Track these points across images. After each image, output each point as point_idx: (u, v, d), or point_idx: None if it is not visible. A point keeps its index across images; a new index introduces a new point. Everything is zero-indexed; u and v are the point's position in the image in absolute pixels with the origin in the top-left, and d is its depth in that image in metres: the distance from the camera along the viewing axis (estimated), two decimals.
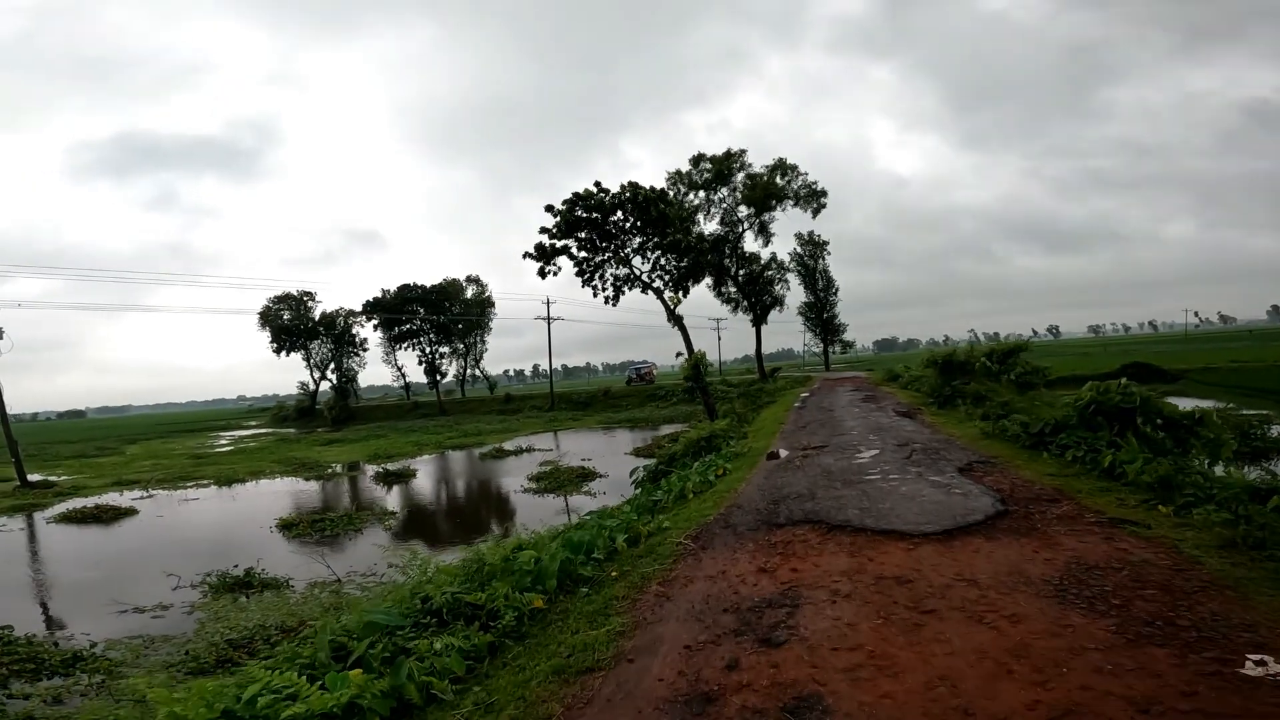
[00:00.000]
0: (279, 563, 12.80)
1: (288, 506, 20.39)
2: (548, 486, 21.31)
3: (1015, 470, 7.36)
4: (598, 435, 39.22)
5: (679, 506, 7.97)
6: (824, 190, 36.82)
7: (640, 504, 8.80)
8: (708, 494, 7.97)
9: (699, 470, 9.44)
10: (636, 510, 8.53)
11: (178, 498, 24.84)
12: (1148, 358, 43.84)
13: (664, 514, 7.88)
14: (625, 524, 6.83)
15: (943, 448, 8.95)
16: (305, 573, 11.84)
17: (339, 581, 11.23)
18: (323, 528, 16.69)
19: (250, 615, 9.83)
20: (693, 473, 9.40)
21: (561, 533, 7.25)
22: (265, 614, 9.84)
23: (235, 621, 9.49)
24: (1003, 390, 13.03)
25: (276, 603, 10.64)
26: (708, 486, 8.43)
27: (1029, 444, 8.61)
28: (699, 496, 8.06)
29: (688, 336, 25.13)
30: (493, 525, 17.59)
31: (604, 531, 6.74)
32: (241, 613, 10.04)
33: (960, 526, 5.25)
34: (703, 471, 9.23)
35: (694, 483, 8.53)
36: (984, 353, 14.78)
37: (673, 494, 8.55)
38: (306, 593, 11.00)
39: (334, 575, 11.59)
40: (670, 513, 7.72)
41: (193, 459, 40.82)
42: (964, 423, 11.72)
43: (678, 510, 7.70)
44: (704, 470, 9.30)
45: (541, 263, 28.03)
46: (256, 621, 9.38)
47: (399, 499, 22.46)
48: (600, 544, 6.22)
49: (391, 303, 71.27)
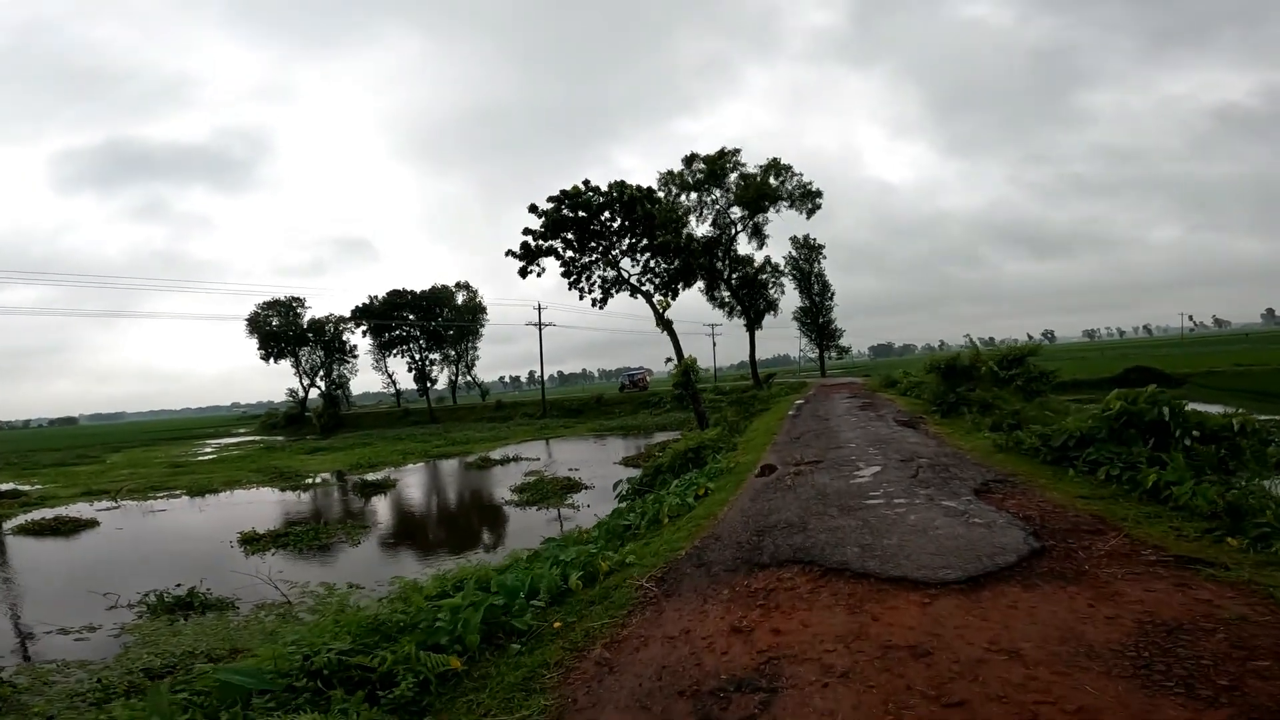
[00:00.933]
0: (230, 581, 11.91)
1: (255, 519, 19.44)
2: (531, 498, 20.45)
3: (1040, 492, 6.28)
4: (588, 443, 38.19)
5: (651, 534, 6.89)
6: (819, 191, 35.84)
7: (611, 528, 7.70)
8: (684, 520, 6.88)
9: (678, 490, 8.34)
10: (606, 535, 7.45)
11: (145, 509, 24.06)
12: (1147, 361, 43.02)
13: (637, 539, 6.80)
14: (582, 558, 5.72)
15: (952, 464, 7.87)
16: (256, 593, 11.03)
17: (288, 603, 10.41)
18: (286, 543, 15.87)
19: (182, 640, 9.11)
20: (671, 493, 8.32)
21: (509, 566, 6.18)
22: (199, 639, 9.11)
23: (164, 646, 8.81)
24: (1010, 397, 11.98)
25: (215, 626, 9.85)
26: (686, 510, 7.34)
27: (1050, 459, 7.54)
28: (675, 522, 6.97)
29: (677, 342, 24.18)
30: (468, 541, 16.61)
31: (556, 567, 5.66)
32: (174, 637, 9.33)
33: (988, 571, 4.15)
34: (682, 492, 8.13)
35: (670, 505, 7.44)
36: (991, 357, 13.70)
37: (646, 518, 7.45)
38: (251, 615, 10.22)
39: (283, 596, 10.58)
40: (640, 541, 6.63)
41: (172, 468, 40.24)
42: (972, 434, 10.65)
43: (649, 539, 6.61)
44: (684, 490, 8.20)
45: (524, 262, 27.04)
46: (187, 647, 8.66)
47: (374, 511, 21.48)
48: (547, 584, 5.12)
49: (380, 309, 70.17)
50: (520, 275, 27.34)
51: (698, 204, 36.08)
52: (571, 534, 8.31)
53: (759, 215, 35.68)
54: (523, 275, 27.32)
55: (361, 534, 17.48)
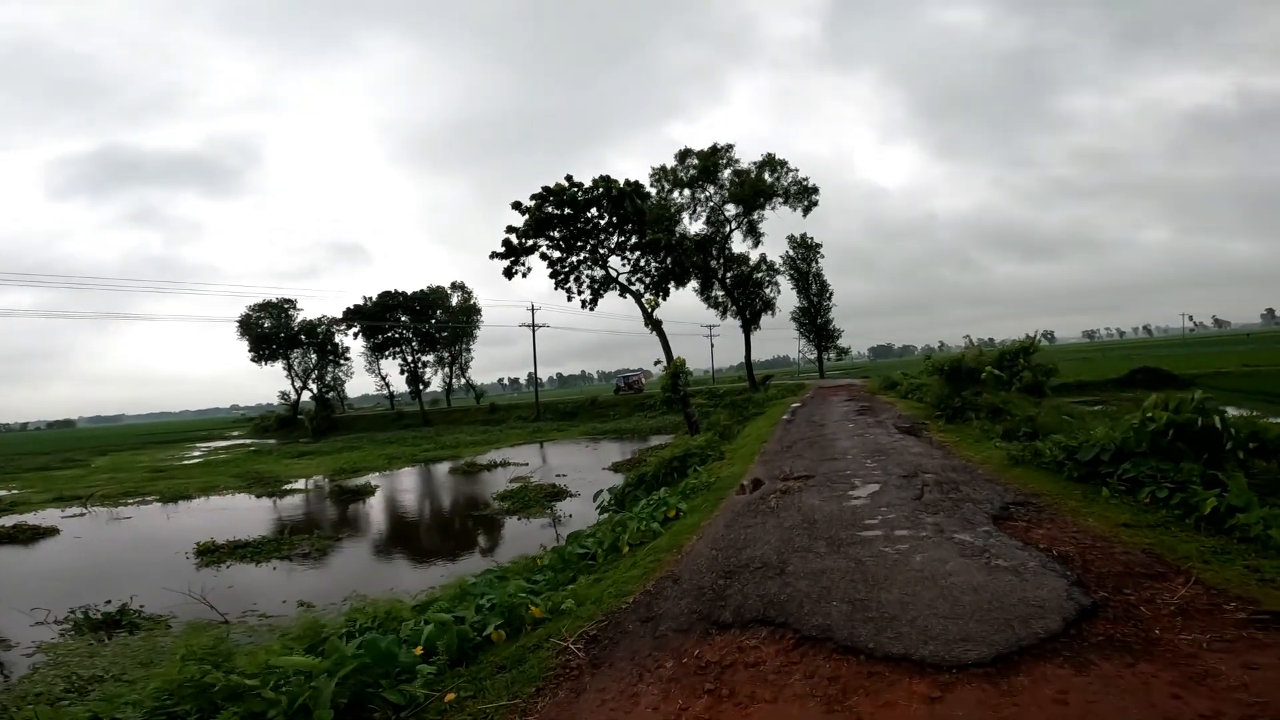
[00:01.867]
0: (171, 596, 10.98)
1: (221, 527, 18.42)
2: (513, 507, 19.50)
3: (1073, 518, 5.15)
4: (580, 447, 37.14)
5: (608, 565, 5.78)
6: (815, 187, 34.67)
7: (566, 556, 6.57)
8: (645, 551, 5.74)
9: (644, 512, 7.17)
10: (559, 564, 6.33)
11: (112, 516, 23.40)
12: (1152, 362, 41.98)
13: (591, 572, 5.69)
14: (509, 602, 4.60)
15: (963, 480, 6.74)
16: (193, 610, 10.04)
17: (226, 623, 9.63)
18: (246, 554, 15.04)
19: (97, 662, 8.36)
20: (639, 513, 7.18)
21: (429, 603, 5.06)
22: (114, 662, 8.36)
23: (74, 669, 8.08)
24: (1021, 401, 10.85)
25: (138, 648, 8.98)
26: (650, 537, 6.21)
27: (1078, 475, 6.41)
28: (634, 553, 5.84)
29: (666, 342, 23.06)
30: (437, 555, 15.53)
31: (478, 612, 4.55)
32: (90, 658, 8.59)
33: (1023, 645, 3.03)
34: (650, 513, 6.97)
35: (632, 532, 6.30)
36: (992, 358, 12.49)
37: (606, 545, 6.32)
38: (183, 636, 9.41)
39: (221, 616, 9.76)
40: (593, 575, 5.52)
41: (153, 472, 39.72)
42: (981, 443, 9.51)
43: (602, 573, 5.50)
44: (652, 512, 7.04)
45: (509, 261, 25.84)
46: (97, 671, 7.89)
47: (347, 520, 20.45)
48: (448, 640, 4.01)
49: (373, 310, 69.02)
50: (505, 276, 26.23)
51: (691, 201, 34.96)
52: (520, 561, 7.20)
53: (754, 212, 34.53)
54: (508, 276, 26.21)
55: (328, 545, 16.57)
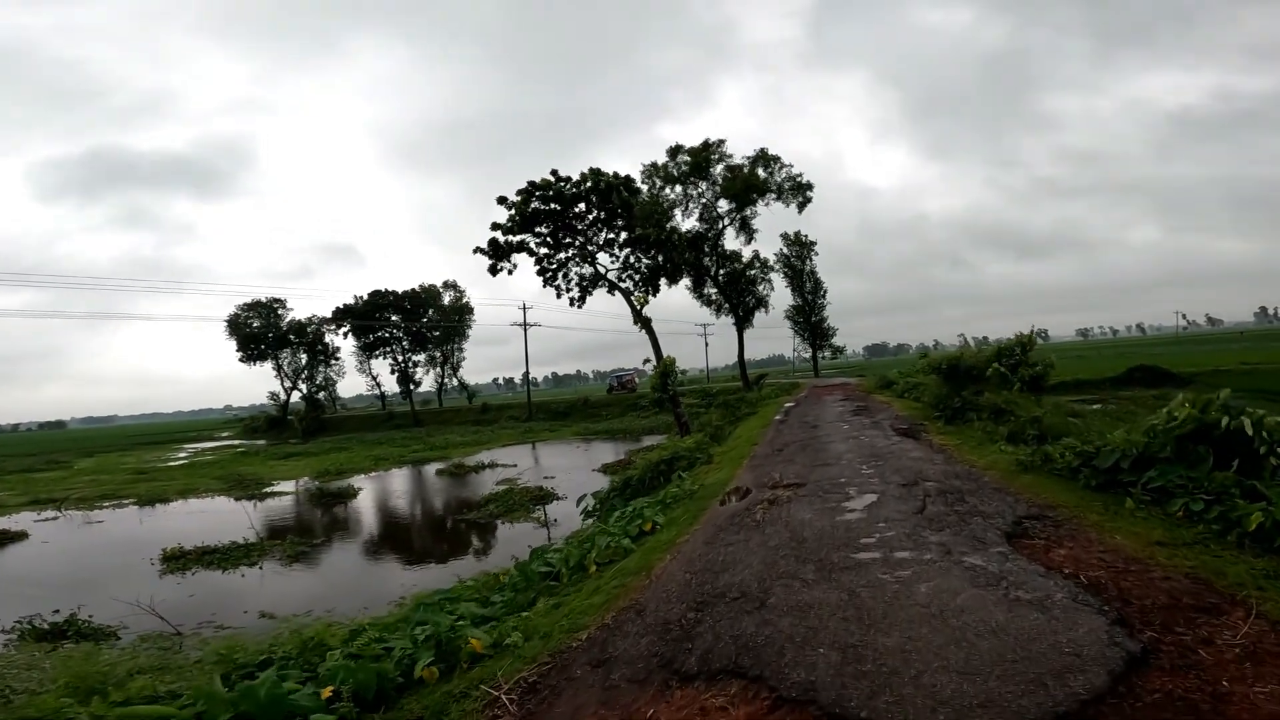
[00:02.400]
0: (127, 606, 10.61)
1: (192, 532, 17.70)
2: (496, 511, 18.94)
3: (1098, 534, 4.54)
4: (571, 448, 36.56)
5: (571, 587, 5.15)
6: (809, 183, 33.96)
7: (529, 574, 5.93)
8: (612, 572, 5.10)
9: (618, 525, 6.51)
10: (520, 583, 5.70)
11: (85, 520, 23.02)
12: (1148, 360, 41.65)
13: (552, 594, 5.06)
14: (443, 635, 3.95)
15: (969, 489, 6.13)
16: (146, 622, 9.61)
17: (178, 635, 9.37)
18: (214, 560, 14.65)
19: (33, 675, 7.85)
20: (610, 527, 6.52)
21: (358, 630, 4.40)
22: (55, 674, 7.87)
23: (8, 682, 7.53)
24: (1025, 401, 10.25)
25: (77, 661, 8.59)
26: (619, 555, 5.57)
27: (1096, 484, 5.82)
28: (601, 573, 5.21)
29: (656, 341, 22.42)
30: (413, 563, 14.86)
31: (413, 643, 3.91)
32: (27, 670, 8.09)
33: (1063, 712, 2.41)
34: (623, 527, 6.32)
35: (600, 549, 5.65)
36: (991, 355, 11.80)
37: (571, 564, 5.68)
38: (129, 649, 8.85)
39: (173, 629, 9.43)
40: (552, 599, 4.88)
41: (135, 474, 39.21)
42: (984, 446, 8.90)
43: (562, 596, 4.86)
44: (625, 525, 6.39)
45: (494, 259, 25.04)
46: (31, 685, 7.33)
47: (323, 525, 19.83)
48: (360, 680, 3.37)
49: (363, 310, 68.12)
50: (491, 273, 25.45)
51: (683, 197, 34.26)
52: (481, 578, 6.55)
53: (747, 209, 33.85)
54: (493, 273, 25.40)
55: (301, 551, 15.95)
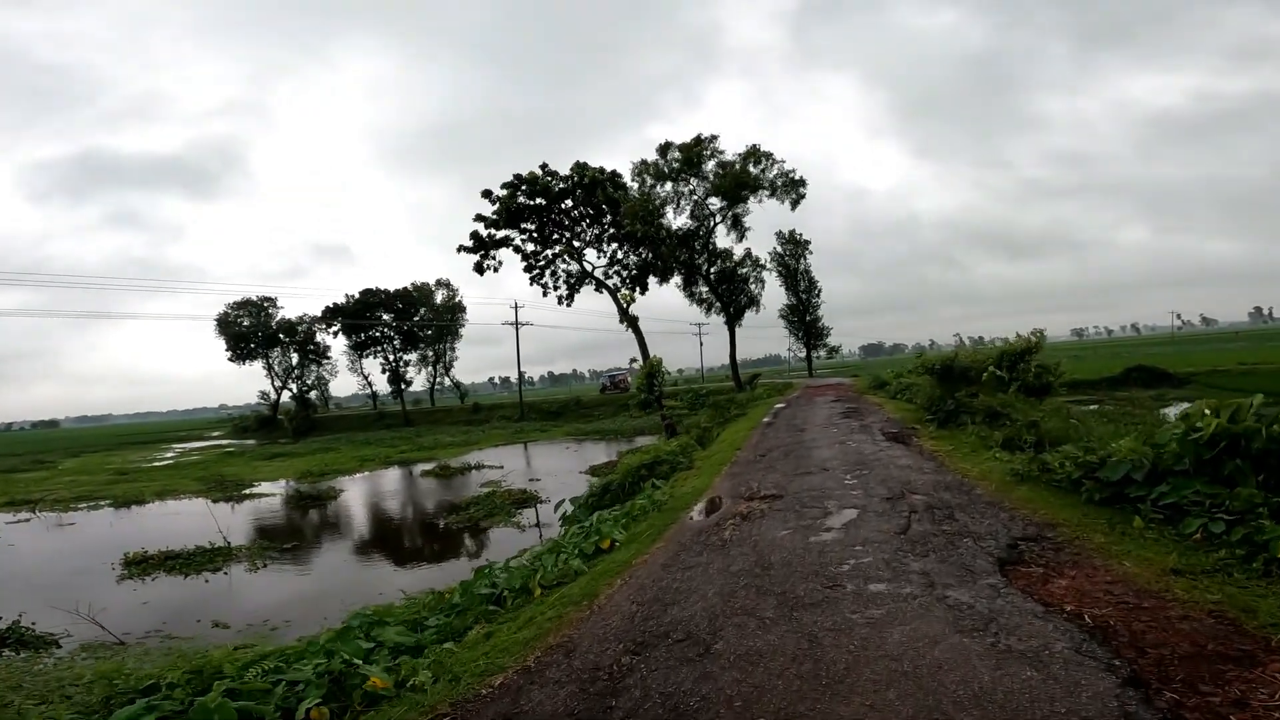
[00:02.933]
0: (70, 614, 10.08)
1: (163, 535, 17.07)
2: (476, 515, 18.27)
3: (1104, 559, 3.96)
4: (560, 449, 35.89)
5: (508, 616, 4.55)
6: (802, 179, 33.43)
7: (473, 594, 5.32)
8: (554, 598, 4.51)
9: (574, 540, 5.91)
10: (462, 604, 5.10)
11: (57, 521, 22.55)
12: (1144, 360, 41.25)
13: (491, 620, 4.47)
14: (338, 670, 3.36)
15: (959, 503, 5.56)
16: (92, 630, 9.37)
17: (121, 644, 9.08)
18: (176, 565, 14.25)
19: None
20: (566, 542, 5.93)
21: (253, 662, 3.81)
22: None
23: None
24: (1022, 404, 9.69)
25: (14, 671, 8.10)
26: (569, 576, 4.99)
27: (1102, 498, 5.26)
28: (546, 596, 4.62)
29: (643, 340, 21.74)
30: (385, 571, 14.24)
31: (307, 678, 3.32)
32: None
33: None
34: (578, 543, 5.72)
35: (548, 569, 5.06)
36: (991, 358, 11.20)
37: (515, 585, 5.08)
38: (68, 658, 8.64)
39: (116, 638, 9.14)
40: (491, 626, 4.29)
41: (117, 475, 38.58)
42: (978, 452, 8.34)
43: (495, 628, 4.27)
44: (580, 542, 5.79)
45: (478, 255, 24.32)
46: None
47: (297, 529, 19.22)
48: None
49: (353, 308, 67.31)
50: (477, 271, 24.65)
51: (674, 194, 33.73)
52: (422, 597, 5.94)
53: (738, 205, 33.30)
54: (479, 270, 24.61)
55: (267, 557, 15.35)
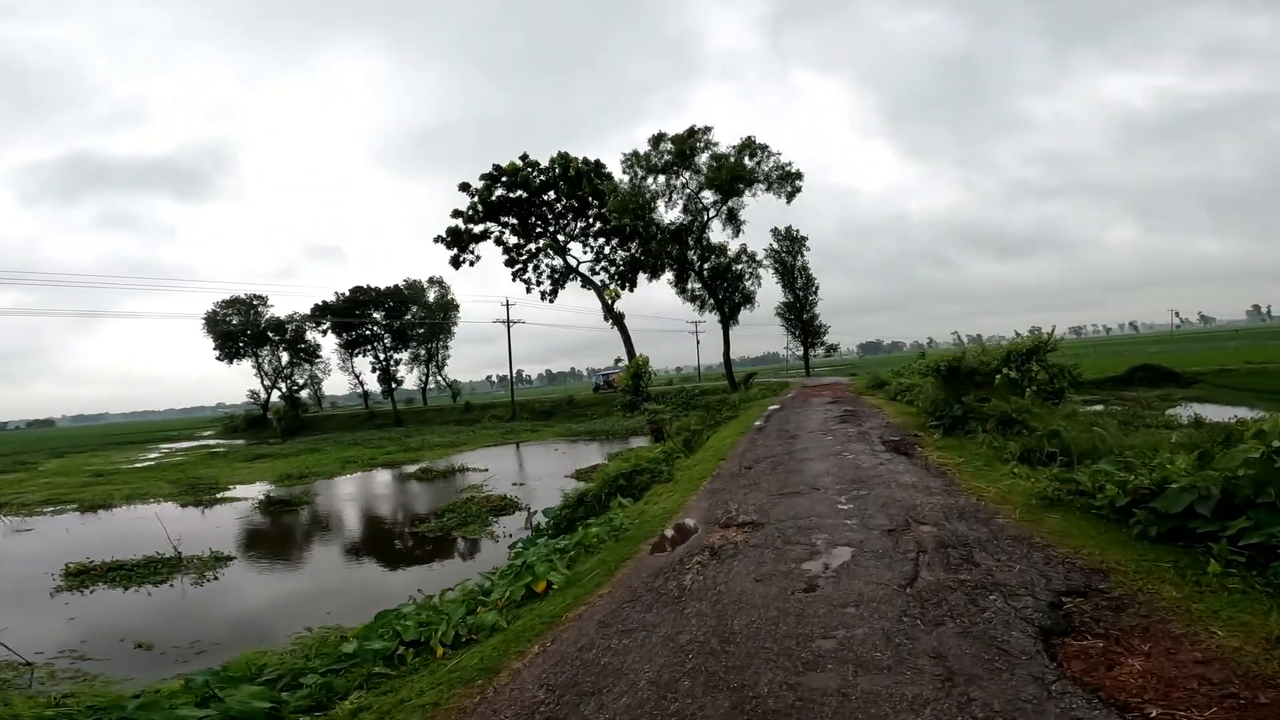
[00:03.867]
0: None
1: (118, 543, 16.30)
2: (450, 524, 17.24)
3: (1183, 624, 2.92)
4: (550, 450, 34.84)
5: (390, 684, 3.49)
6: (799, 172, 32.27)
7: (364, 650, 4.25)
8: (453, 664, 3.42)
9: (504, 583, 4.77)
10: (358, 657, 4.04)
11: (16, 526, 21.85)
12: (1145, 358, 40.30)
13: (374, 687, 3.41)
14: None
15: (979, 537, 4.50)
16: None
17: (29, 666, 8.38)
18: (118, 578, 13.57)
19: None
20: (497, 581, 4.81)
21: None
22: None
23: None
24: (1041, 410, 8.61)
25: None
26: (481, 633, 3.89)
27: (1158, 533, 4.22)
28: (447, 660, 3.55)
29: (629, 338, 20.61)
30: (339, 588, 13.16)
31: None
32: None
33: None
34: (507, 585, 4.58)
35: (457, 620, 3.97)
36: (998, 357, 10.09)
37: (421, 641, 4.01)
38: None
39: (21, 659, 8.43)
40: (371, 694, 3.23)
41: (93, 477, 37.73)
42: (992, 467, 7.25)
43: (370, 701, 3.20)
44: (510, 584, 4.65)
45: (455, 250, 23.17)
46: None
47: (258, 537, 18.25)
48: None
49: (342, 306, 66.18)
50: (453, 265, 23.59)
51: (666, 188, 32.61)
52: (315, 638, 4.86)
53: (733, 199, 32.18)
54: (455, 265, 23.56)
55: (218, 569, 14.23)
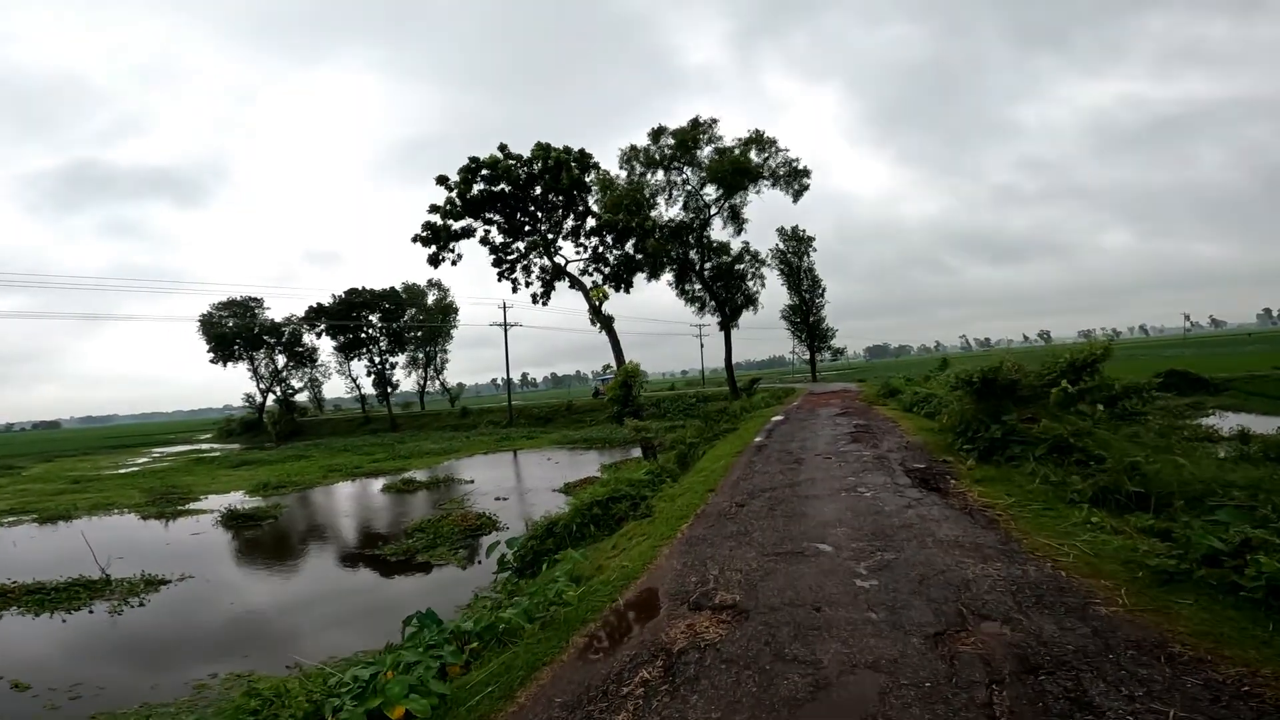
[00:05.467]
0: None
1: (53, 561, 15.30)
2: (416, 546, 15.85)
3: None
4: (543, 459, 33.27)
5: None
6: (807, 169, 30.66)
7: None
8: None
9: (352, 687, 3.13)
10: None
11: None
12: (1166, 363, 38.44)
13: None
14: None
15: (1081, 648, 2.85)
16: None
17: None
18: (36, 601, 12.59)
19: None
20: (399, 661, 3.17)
21: None
22: None
23: None
24: (1111, 438, 6.89)
25: None
26: None
27: None
28: None
29: (618, 343, 19.01)
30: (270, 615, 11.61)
31: None
32: None
33: None
34: (407, 671, 2.94)
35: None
36: (1057, 367, 8.38)
37: None
38: None
39: None
40: None
41: (69, 484, 36.84)
42: (1056, 510, 5.56)
43: None
44: (419, 671, 3.01)
45: (434, 248, 21.63)
46: None
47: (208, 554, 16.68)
48: None
49: (338, 309, 64.99)
50: (431, 264, 22.11)
51: (666, 184, 31.08)
52: None
53: (736, 196, 30.59)
54: (433, 264, 22.07)
55: (146, 594, 12.88)
